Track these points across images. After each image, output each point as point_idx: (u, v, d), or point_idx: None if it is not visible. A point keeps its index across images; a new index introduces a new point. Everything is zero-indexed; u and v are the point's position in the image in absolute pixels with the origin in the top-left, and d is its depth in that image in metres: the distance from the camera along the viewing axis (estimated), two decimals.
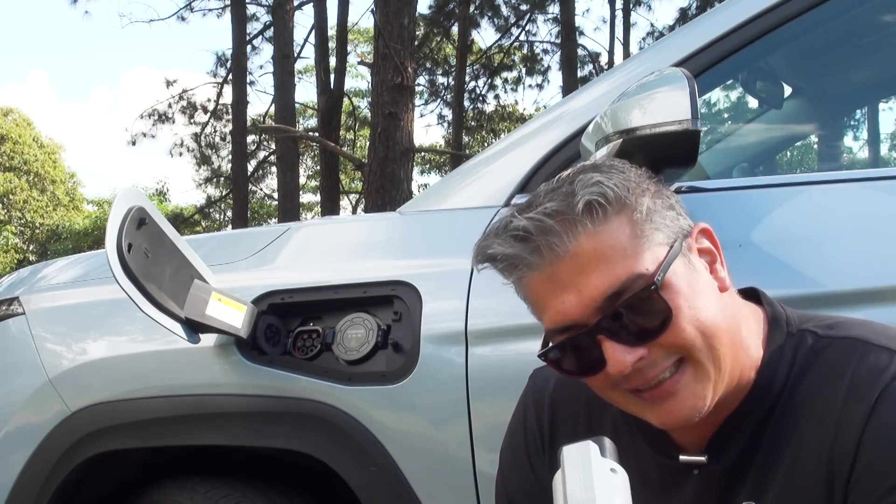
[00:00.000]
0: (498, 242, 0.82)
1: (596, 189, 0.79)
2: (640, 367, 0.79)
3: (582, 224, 0.79)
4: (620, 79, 1.41)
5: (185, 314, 1.41)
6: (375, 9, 7.64)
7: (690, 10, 13.27)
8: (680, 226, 0.84)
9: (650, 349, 0.79)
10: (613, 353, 0.79)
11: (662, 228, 0.81)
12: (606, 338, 0.79)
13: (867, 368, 0.79)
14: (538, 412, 1.00)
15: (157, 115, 15.81)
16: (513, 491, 1.01)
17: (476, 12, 15.30)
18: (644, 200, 0.81)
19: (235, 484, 1.55)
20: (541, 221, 0.79)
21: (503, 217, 0.84)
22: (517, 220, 0.81)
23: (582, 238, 0.79)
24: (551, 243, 0.79)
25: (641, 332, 0.79)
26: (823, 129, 2.46)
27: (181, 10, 14.70)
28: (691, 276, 0.82)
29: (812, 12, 1.31)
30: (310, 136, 13.82)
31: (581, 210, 0.79)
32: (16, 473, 1.66)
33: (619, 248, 0.79)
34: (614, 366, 0.79)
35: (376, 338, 1.38)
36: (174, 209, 19.60)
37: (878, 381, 0.78)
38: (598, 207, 0.79)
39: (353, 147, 18.85)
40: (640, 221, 0.80)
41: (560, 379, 1.00)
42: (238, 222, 12.69)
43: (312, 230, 1.79)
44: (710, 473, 0.86)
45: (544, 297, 0.82)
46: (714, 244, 0.87)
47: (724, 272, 0.86)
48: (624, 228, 0.80)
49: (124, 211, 1.38)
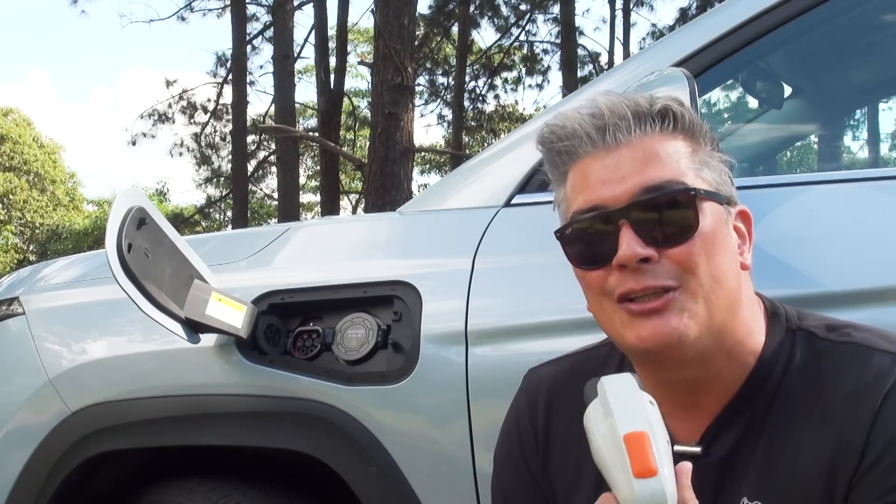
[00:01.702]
0: (570, 118, 0.85)
1: (675, 105, 0.84)
2: (642, 270, 0.81)
3: (652, 124, 0.83)
4: (620, 79, 1.41)
5: (185, 314, 1.41)
6: (375, 9, 7.64)
7: (690, 10, 13.26)
8: (730, 193, 0.87)
9: (661, 256, 0.81)
10: (628, 240, 0.81)
11: (715, 177, 0.85)
12: (628, 225, 0.81)
13: (871, 372, 0.80)
14: (532, 412, 1.01)
15: (157, 115, 15.81)
16: (509, 490, 1.01)
17: (476, 12, 15.30)
18: (712, 148, 0.86)
19: (235, 484, 1.55)
20: (616, 107, 0.83)
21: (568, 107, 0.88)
22: (600, 100, 0.84)
23: (647, 135, 0.83)
24: (619, 127, 0.82)
25: (661, 234, 0.81)
26: (823, 129, 2.47)
27: (181, 10, 14.70)
28: (722, 226, 0.84)
29: (812, 12, 1.31)
30: (310, 136, 13.82)
31: (657, 111, 0.83)
32: (16, 473, 1.66)
33: (675, 158, 0.83)
34: (624, 252, 0.80)
35: (376, 338, 1.38)
36: (174, 209, 19.61)
37: (883, 384, 0.78)
38: (671, 118, 0.83)
39: (353, 147, 18.85)
40: (701, 154, 0.85)
41: (554, 379, 1.01)
42: (238, 222, 12.69)
43: (312, 230, 1.79)
44: (704, 464, 0.86)
45: (588, 178, 0.84)
46: (749, 230, 0.90)
47: (749, 257, 0.89)
48: (686, 149, 0.84)
49: (124, 211, 1.38)
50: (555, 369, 1.03)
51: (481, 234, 1.38)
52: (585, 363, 1.00)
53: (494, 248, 1.36)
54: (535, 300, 1.31)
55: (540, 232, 1.38)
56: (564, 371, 1.01)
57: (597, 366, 0.96)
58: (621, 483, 0.70)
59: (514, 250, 1.37)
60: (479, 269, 1.34)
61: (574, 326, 1.19)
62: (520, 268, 1.35)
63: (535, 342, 1.26)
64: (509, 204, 1.40)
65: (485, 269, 1.34)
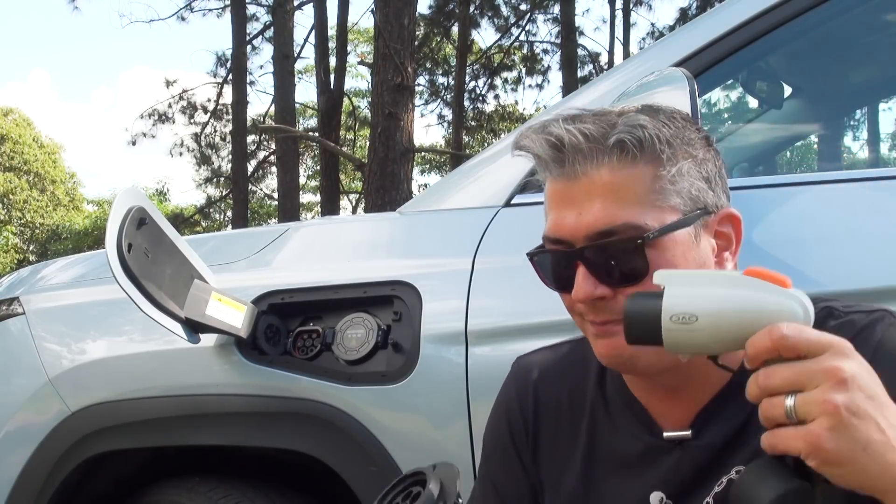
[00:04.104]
0: (534, 139, 0.85)
1: (635, 132, 0.81)
2: (599, 306, 0.83)
3: (609, 157, 0.81)
4: (621, 79, 1.41)
5: (185, 314, 1.41)
6: (375, 9, 7.64)
7: (690, 10, 13.26)
8: (705, 200, 0.85)
9: (616, 293, 0.82)
10: (582, 280, 0.83)
11: (683, 195, 0.83)
12: (583, 265, 0.83)
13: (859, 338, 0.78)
14: (522, 401, 1.01)
15: (157, 115, 15.79)
16: (499, 481, 1.02)
17: (476, 12, 15.29)
18: (679, 162, 0.83)
19: (235, 484, 1.55)
20: (575, 138, 0.82)
21: (549, 118, 0.86)
22: (557, 127, 0.83)
23: (604, 169, 0.82)
24: (576, 160, 0.82)
25: (613, 275, 0.82)
26: (823, 129, 2.47)
27: (181, 10, 14.66)
28: (689, 250, 0.83)
29: (812, 12, 1.31)
30: (310, 136, 13.82)
31: (611, 144, 0.81)
32: (16, 473, 1.66)
33: (632, 193, 0.81)
34: (577, 292, 0.83)
35: (376, 338, 1.38)
36: (174, 209, 19.59)
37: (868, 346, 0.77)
38: (629, 148, 0.81)
39: (353, 147, 18.84)
40: (664, 179, 0.82)
41: (543, 367, 1.02)
42: (238, 222, 12.69)
43: (312, 230, 1.79)
44: (692, 448, 0.86)
45: (553, 204, 0.85)
46: (737, 235, 0.89)
47: (731, 264, 0.88)
48: (645, 178, 0.82)
49: (124, 211, 1.38)
50: (544, 356, 1.04)
51: (481, 234, 1.38)
52: (575, 352, 1.01)
53: (494, 248, 1.36)
54: (535, 300, 1.30)
55: (540, 232, 1.38)
56: (554, 358, 1.02)
57: (586, 355, 0.96)
58: (767, 307, 0.69)
59: (514, 250, 1.37)
60: (479, 269, 1.34)
61: (574, 326, 1.19)
62: (520, 268, 1.34)
63: (535, 342, 1.25)
64: (509, 204, 1.40)
65: (485, 269, 1.34)
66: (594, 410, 0.95)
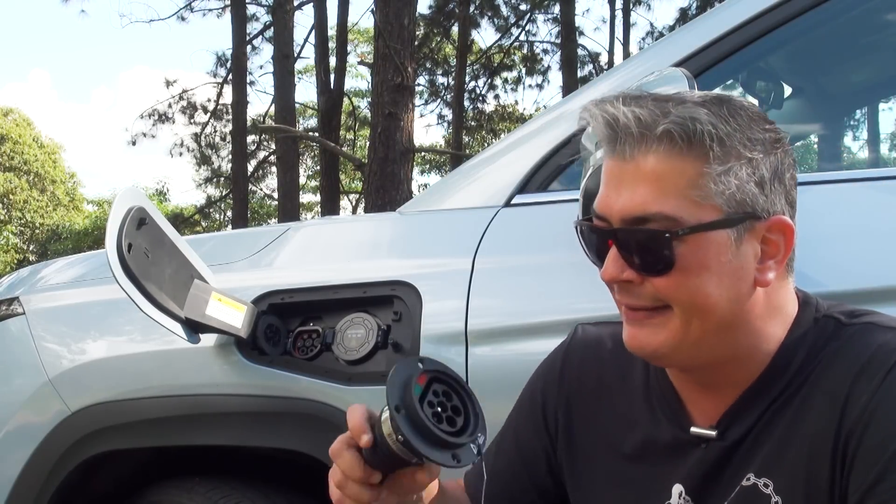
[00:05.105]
0: (593, 113, 0.84)
1: (685, 124, 0.79)
2: (626, 288, 0.84)
3: (657, 145, 0.80)
4: (620, 79, 1.41)
5: (185, 314, 1.41)
6: (375, 9, 7.64)
7: (690, 10, 13.26)
8: (754, 204, 0.81)
9: (643, 279, 0.83)
10: (611, 260, 0.84)
11: (728, 196, 0.80)
12: (615, 245, 0.84)
13: (881, 349, 0.80)
14: (565, 373, 1.03)
15: (156, 115, 15.80)
16: (521, 433, 1.06)
17: (476, 12, 15.30)
18: (730, 161, 0.80)
19: (235, 484, 1.55)
20: (628, 121, 0.81)
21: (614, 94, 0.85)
22: (616, 106, 0.82)
23: (651, 156, 0.81)
24: (627, 142, 0.82)
25: (640, 262, 0.82)
26: (823, 129, 2.46)
27: (181, 10, 14.69)
28: (724, 252, 0.81)
29: (812, 12, 1.31)
30: (310, 136, 13.84)
31: (659, 134, 0.80)
32: (16, 473, 1.66)
33: (674, 185, 0.80)
34: (605, 271, 0.84)
35: (376, 338, 1.38)
36: (174, 209, 19.60)
37: (888, 361, 0.78)
38: (677, 139, 0.80)
39: (353, 147, 18.85)
40: (708, 177, 0.79)
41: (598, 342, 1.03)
42: (238, 222, 12.70)
43: (312, 230, 1.79)
44: (715, 447, 0.87)
45: (605, 179, 0.86)
46: (786, 244, 0.84)
47: (773, 273, 0.84)
48: (689, 172, 0.80)
49: (124, 211, 1.38)
50: (601, 332, 1.04)
51: (481, 234, 1.38)
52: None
53: (494, 248, 1.36)
54: (535, 300, 1.31)
55: (540, 232, 1.39)
56: (611, 335, 1.02)
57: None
58: None
59: (514, 250, 1.37)
60: (478, 269, 1.34)
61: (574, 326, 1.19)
62: (520, 268, 1.35)
63: (534, 342, 1.26)
64: (509, 204, 1.40)
65: (485, 269, 1.34)
66: (636, 393, 0.96)
